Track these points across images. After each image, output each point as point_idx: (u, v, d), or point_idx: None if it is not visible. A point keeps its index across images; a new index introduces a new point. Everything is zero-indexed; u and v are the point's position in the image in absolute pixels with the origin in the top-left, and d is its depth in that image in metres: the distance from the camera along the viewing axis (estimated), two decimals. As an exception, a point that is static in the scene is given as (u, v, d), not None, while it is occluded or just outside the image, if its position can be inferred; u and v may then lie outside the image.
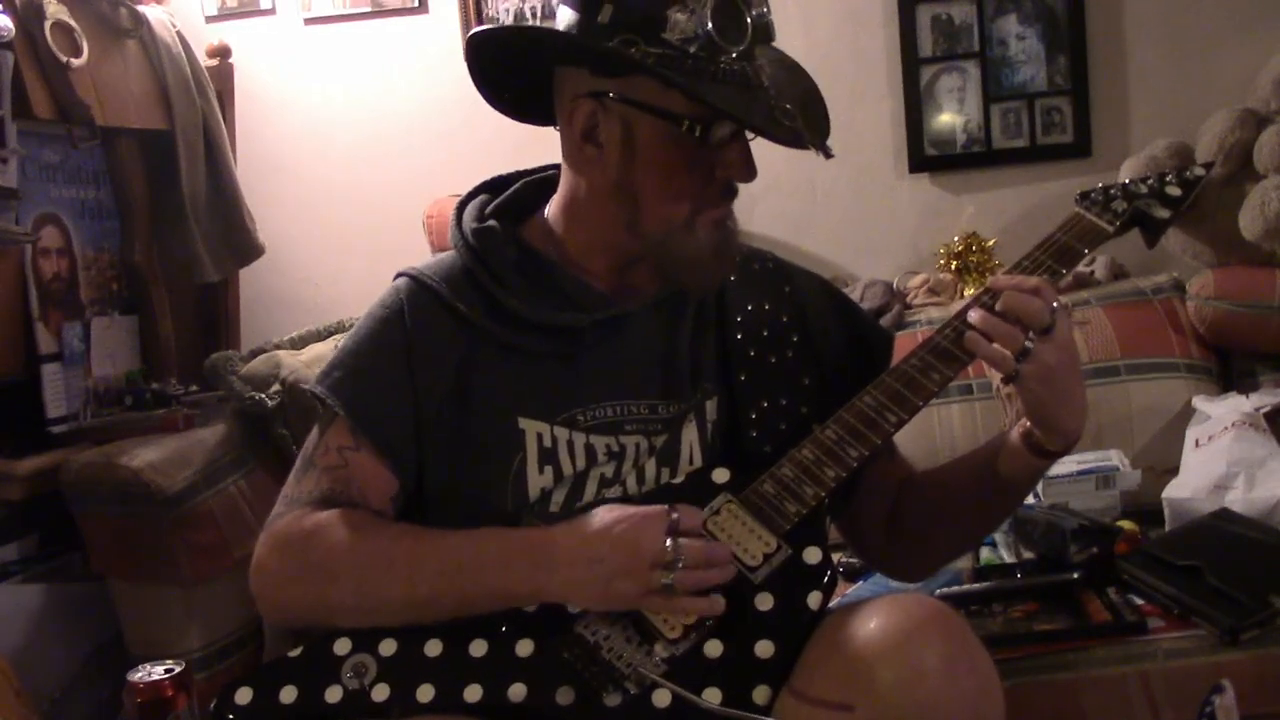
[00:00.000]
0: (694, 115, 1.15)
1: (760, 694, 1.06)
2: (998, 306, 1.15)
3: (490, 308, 1.24)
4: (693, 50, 1.11)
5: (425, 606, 1.12)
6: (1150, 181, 1.35)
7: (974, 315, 1.16)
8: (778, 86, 1.18)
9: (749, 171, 1.19)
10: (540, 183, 1.33)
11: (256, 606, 1.22)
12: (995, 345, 1.13)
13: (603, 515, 1.11)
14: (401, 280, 1.30)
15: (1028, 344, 1.11)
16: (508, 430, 1.21)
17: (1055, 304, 1.14)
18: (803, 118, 1.18)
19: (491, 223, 1.28)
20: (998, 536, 1.79)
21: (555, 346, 1.24)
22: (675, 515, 1.08)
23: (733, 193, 1.22)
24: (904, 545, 1.33)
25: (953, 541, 1.35)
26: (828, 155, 1.18)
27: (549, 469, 1.21)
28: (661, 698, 1.06)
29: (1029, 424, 1.19)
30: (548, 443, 1.21)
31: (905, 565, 1.39)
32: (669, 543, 1.06)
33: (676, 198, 1.19)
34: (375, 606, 1.13)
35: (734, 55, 1.13)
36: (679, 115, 1.15)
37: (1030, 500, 1.89)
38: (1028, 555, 1.71)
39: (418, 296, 1.27)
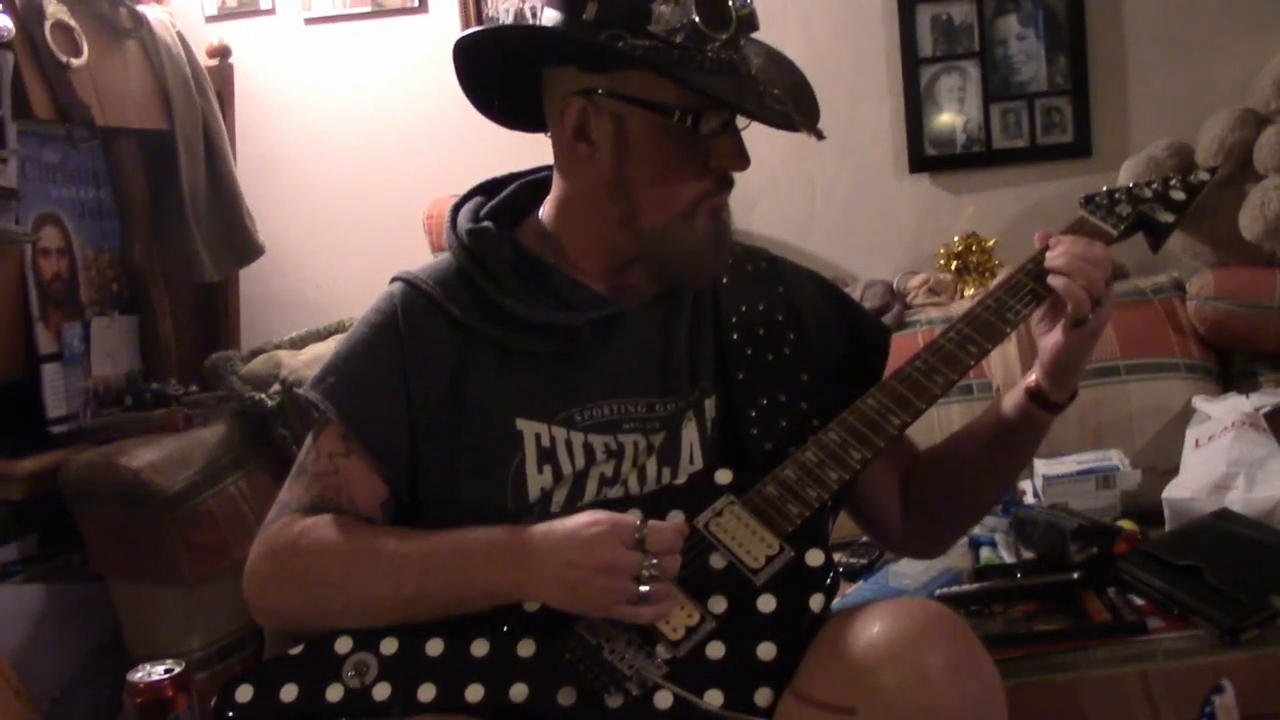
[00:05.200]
0: (685, 106, 1.15)
1: (762, 696, 1.06)
2: (1063, 255, 1.19)
3: (485, 309, 1.24)
4: (679, 40, 1.12)
5: (413, 604, 1.12)
6: (1155, 185, 1.33)
7: (1059, 252, 1.19)
8: (766, 76, 1.19)
9: (742, 160, 1.20)
10: (535, 184, 1.33)
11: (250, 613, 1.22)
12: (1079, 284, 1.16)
13: (577, 518, 1.10)
14: (395, 285, 1.30)
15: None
16: (506, 431, 1.21)
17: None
18: (792, 105, 1.18)
19: (486, 224, 1.27)
20: (998, 536, 1.79)
21: (551, 346, 1.24)
22: (644, 531, 1.06)
23: (729, 183, 1.22)
24: (923, 523, 1.34)
25: (970, 510, 1.38)
26: (820, 137, 1.19)
27: (548, 469, 1.21)
28: (663, 699, 1.06)
29: (1039, 381, 1.22)
30: (546, 442, 1.21)
31: (925, 543, 1.41)
32: (630, 554, 1.05)
33: (672, 190, 1.19)
34: (364, 607, 1.14)
35: (719, 44, 1.14)
36: (670, 106, 1.15)
37: (1030, 500, 1.89)
38: (1028, 555, 1.71)
39: (412, 301, 1.26)
